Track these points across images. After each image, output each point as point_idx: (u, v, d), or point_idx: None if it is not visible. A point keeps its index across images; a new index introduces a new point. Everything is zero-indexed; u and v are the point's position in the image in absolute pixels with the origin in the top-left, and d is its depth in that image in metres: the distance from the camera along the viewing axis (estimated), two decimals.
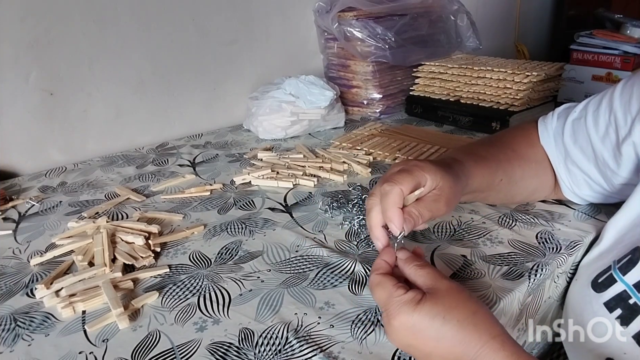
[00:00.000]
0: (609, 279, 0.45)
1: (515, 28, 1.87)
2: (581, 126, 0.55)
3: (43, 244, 0.63)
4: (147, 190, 0.78)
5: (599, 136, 0.52)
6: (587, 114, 0.54)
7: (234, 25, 1.08)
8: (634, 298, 0.42)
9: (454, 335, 0.36)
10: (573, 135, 0.55)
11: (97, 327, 0.46)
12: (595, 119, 0.53)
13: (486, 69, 0.98)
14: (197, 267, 0.55)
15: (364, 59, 1.08)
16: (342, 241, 0.59)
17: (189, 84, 1.04)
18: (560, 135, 0.57)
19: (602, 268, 0.47)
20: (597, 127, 0.52)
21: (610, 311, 0.43)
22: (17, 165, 0.88)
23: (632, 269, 0.43)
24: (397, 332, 0.38)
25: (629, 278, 0.43)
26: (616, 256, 0.46)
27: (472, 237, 0.58)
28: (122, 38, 0.93)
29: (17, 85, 0.84)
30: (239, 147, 0.97)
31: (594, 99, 0.54)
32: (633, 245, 0.44)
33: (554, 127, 0.58)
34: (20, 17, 0.81)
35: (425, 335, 0.37)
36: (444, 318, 0.36)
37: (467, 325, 0.36)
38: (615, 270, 0.45)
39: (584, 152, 0.55)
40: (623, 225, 0.48)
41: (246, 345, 0.43)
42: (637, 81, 0.50)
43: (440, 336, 0.36)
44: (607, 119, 0.51)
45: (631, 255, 0.44)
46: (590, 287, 0.47)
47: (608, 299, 0.44)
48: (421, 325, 0.37)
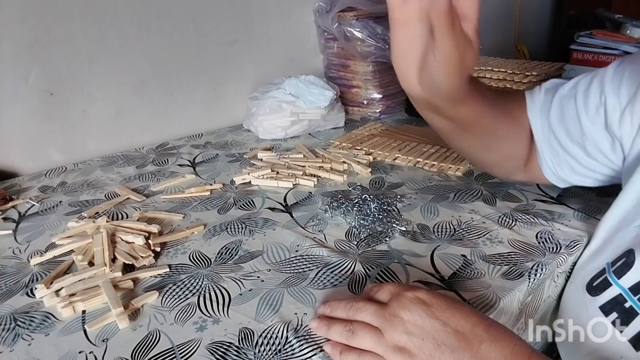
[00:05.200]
0: (604, 283, 0.44)
1: (515, 28, 1.87)
2: (570, 105, 0.52)
3: (43, 243, 0.63)
4: (147, 190, 0.78)
5: (588, 117, 0.50)
6: (577, 93, 0.51)
7: (234, 25, 1.08)
8: (629, 302, 0.41)
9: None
10: (561, 113, 0.53)
11: (97, 326, 0.46)
12: (586, 99, 0.50)
13: (486, 69, 0.98)
14: (197, 266, 0.55)
15: (364, 59, 1.08)
16: (342, 241, 0.59)
17: (189, 84, 1.04)
18: (547, 111, 0.54)
19: (596, 270, 0.46)
20: (587, 108, 0.50)
21: (606, 315, 0.43)
22: (17, 165, 0.88)
23: (627, 272, 0.42)
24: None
25: (624, 281, 0.42)
26: (609, 258, 0.45)
27: (472, 236, 0.58)
28: (122, 38, 0.93)
29: (17, 85, 0.84)
30: (239, 147, 0.97)
31: (585, 78, 0.52)
32: (626, 247, 0.44)
33: (541, 101, 0.55)
34: (20, 17, 0.81)
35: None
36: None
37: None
38: (610, 273, 0.44)
39: (570, 132, 0.52)
40: (612, 224, 0.48)
41: (246, 345, 0.43)
42: (628, 66, 0.48)
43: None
44: (597, 99, 0.49)
45: (625, 258, 0.43)
46: (585, 291, 0.46)
47: (603, 303, 0.43)
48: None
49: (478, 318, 0.39)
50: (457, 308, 0.39)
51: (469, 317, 0.38)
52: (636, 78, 0.46)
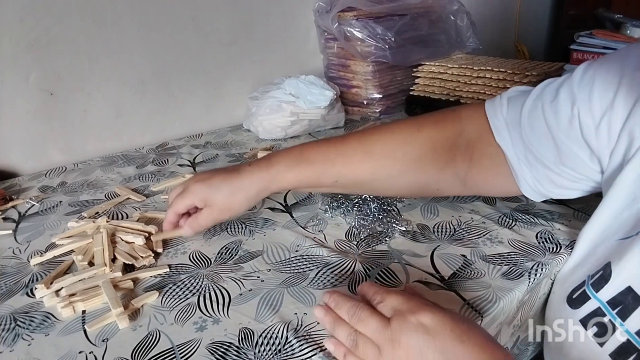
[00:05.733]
0: (583, 295, 0.43)
1: (515, 28, 1.87)
2: (538, 119, 0.47)
3: (43, 243, 0.63)
4: (147, 190, 0.78)
5: (561, 131, 0.46)
6: (544, 105, 0.47)
7: (234, 25, 1.08)
8: (608, 315, 0.40)
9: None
10: (530, 128, 0.48)
11: (97, 326, 0.46)
12: (555, 112, 0.46)
13: (486, 69, 0.98)
14: (197, 266, 0.55)
15: (364, 59, 1.08)
16: (342, 241, 0.59)
17: (189, 84, 1.04)
18: (517, 126, 0.49)
19: (576, 283, 0.45)
20: (559, 121, 0.46)
21: (586, 328, 0.42)
22: (17, 165, 0.88)
23: (604, 286, 0.41)
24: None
25: (602, 295, 0.41)
26: (590, 271, 0.44)
27: (472, 236, 0.58)
28: (122, 38, 0.93)
29: (17, 85, 0.84)
30: (239, 147, 0.97)
31: (549, 87, 0.48)
32: (605, 260, 0.43)
33: (504, 115, 0.51)
34: (20, 17, 0.81)
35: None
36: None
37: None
38: (588, 286, 0.43)
39: (544, 147, 0.48)
40: (593, 236, 0.46)
41: (246, 345, 0.43)
42: (597, 72, 0.44)
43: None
44: (569, 112, 0.45)
45: (602, 272, 0.42)
46: (566, 303, 0.45)
47: (583, 316, 0.42)
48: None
49: (485, 355, 0.36)
50: (463, 341, 0.36)
51: (473, 353, 0.36)
52: (609, 87, 0.43)
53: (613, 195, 0.44)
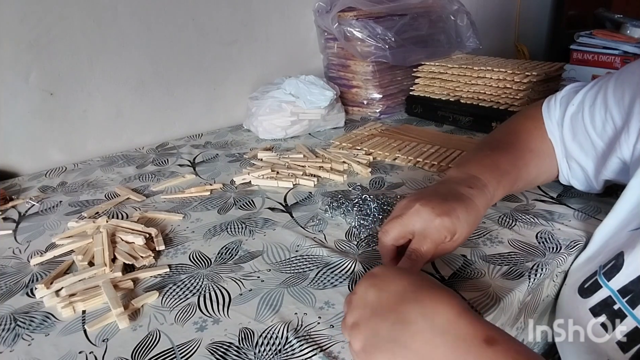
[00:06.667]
0: (594, 285, 0.44)
1: (515, 28, 1.88)
2: (579, 122, 0.54)
3: (43, 243, 0.63)
4: (147, 190, 0.78)
5: (596, 132, 0.52)
6: (584, 109, 0.54)
7: (234, 25, 1.08)
8: (618, 304, 0.41)
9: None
10: (572, 130, 0.55)
11: (97, 326, 0.46)
12: (592, 115, 0.53)
13: (486, 69, 0.98)
14: (197, 266, 0.55)
15: (364, 59, 1.08)
16: (342, 241, 0.59)
17: (189, 84, 1.04)
18: (560, 128, 0.57)
19: (588, 273, 0.47)
20: (594, 124, 0.52)
21: (595, 316, 0.43)
22: (17, 165, 0.88)
23: (616, 274, 0.42)
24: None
25: (614, 283, 0.42)
26: (602, 261, 0.46)
27: (472, 236, 0.58)
28: (122, 38, 0.93)
29: (17, 85, 0.84)
30: (239, 147, 0.97)
31: (590, 92, 0.54)
32: (617, 250, 0.44)
33: (557, 118, 0.58)
34: (20, 17, 0.81)
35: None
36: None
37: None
38: (600, 275, 0.44)
39: (583, 147, 0.55)
40: (609, 230, 0.48)
41: (246, 345, 0.43)
42: (626, 79, 0.49)
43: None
44: (603, 116, 0.51)
45: (615, 261, 0.43)
46: (577, 293, 0.46)
47: (593, 305, 0.43)
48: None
49: (407, 281, 0.38)
50: (398, 275, 0.39)
51: (397, 281, 0.38)
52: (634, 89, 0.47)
53: (630, 190, 0.46)
